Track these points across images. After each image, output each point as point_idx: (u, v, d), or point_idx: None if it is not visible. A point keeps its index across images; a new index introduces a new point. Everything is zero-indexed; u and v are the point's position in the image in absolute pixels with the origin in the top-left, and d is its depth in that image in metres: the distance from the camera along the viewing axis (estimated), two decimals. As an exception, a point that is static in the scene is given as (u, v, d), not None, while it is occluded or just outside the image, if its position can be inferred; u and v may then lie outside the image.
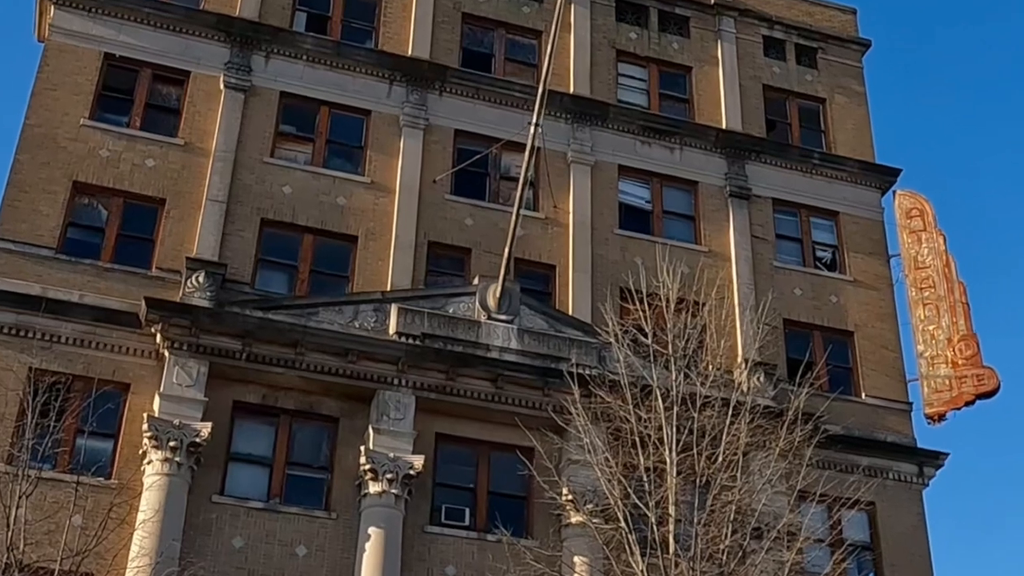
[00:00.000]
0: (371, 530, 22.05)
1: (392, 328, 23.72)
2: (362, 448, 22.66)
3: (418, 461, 22.59)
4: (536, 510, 23.29)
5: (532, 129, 23.22)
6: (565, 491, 22.36)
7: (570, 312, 25.78)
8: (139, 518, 20.69)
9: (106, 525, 18.87)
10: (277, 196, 25.54)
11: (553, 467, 22.03)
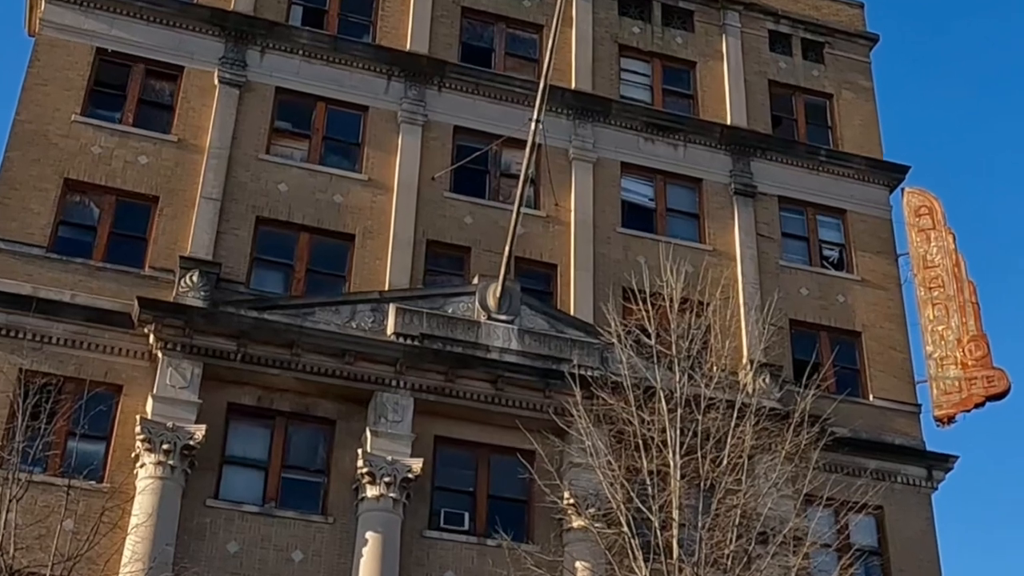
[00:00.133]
0: (368, 535, 21.92)
1: (390, 328, 23.59)
2: (359, 451, 22.53)
3: (416, 464, 22.47)
4: (537, 514, 23.19)
5: (533, 125, 23.12)
6: (567, 495, 22.29)
7: (572, 312, 25.66)
8: (132, 522, 20.55)
9: (98, 529, 18.73)
10: (272, 194, 25.42)
11: (554, 470, 21.95)
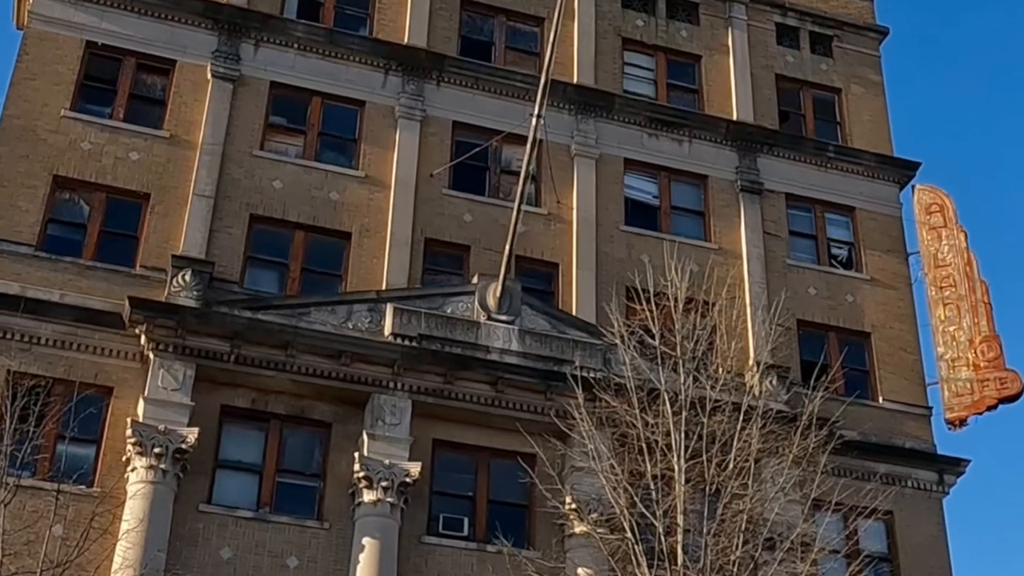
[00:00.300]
0: (365, 540, 21.81)
1: (387, 329, 23.46)
2: (356, 455, 22.40)
3: (414, 468, 22.35)
4: (538, 519, 23.08)
5: (534, 121, 22.96)
6: (568, 500, 22.19)
7: (574, 312, 25.55)
8: (122, 528, 20.46)
9: (88, 535, 18.69)
10: (267, 191, 25.31)
11: (556, 474, 21.95)
